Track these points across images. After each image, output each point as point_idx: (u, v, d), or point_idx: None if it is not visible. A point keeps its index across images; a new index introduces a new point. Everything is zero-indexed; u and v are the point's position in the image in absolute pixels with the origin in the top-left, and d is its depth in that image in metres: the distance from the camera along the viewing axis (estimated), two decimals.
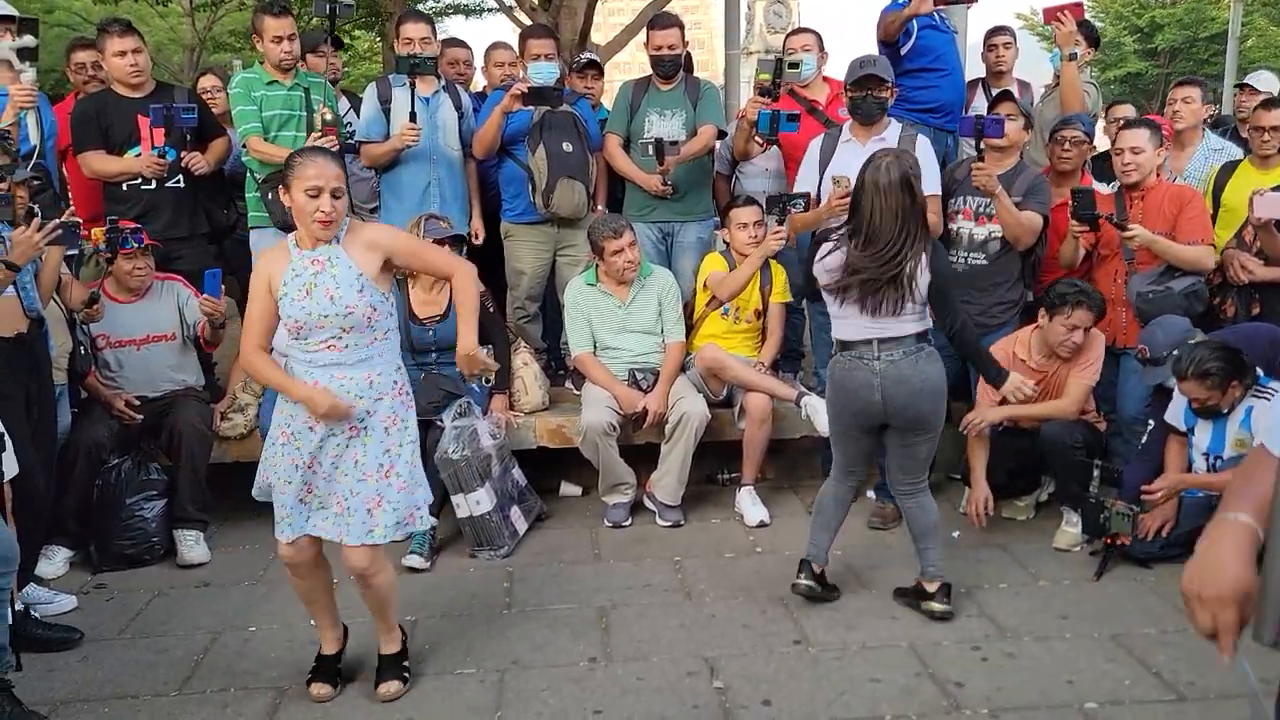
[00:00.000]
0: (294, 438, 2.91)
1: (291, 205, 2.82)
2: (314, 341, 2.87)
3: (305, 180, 2.77)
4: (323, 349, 2.87)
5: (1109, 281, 4.37)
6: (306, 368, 2.90)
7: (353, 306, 2.82)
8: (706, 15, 51.31)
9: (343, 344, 2.87)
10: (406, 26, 4.89)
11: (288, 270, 2.87)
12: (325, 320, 2.83)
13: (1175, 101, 4.92)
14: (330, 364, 2.88)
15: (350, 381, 2.88)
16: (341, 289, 2.82)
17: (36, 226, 3.26)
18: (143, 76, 4.69)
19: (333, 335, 2.86)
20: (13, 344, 3.40)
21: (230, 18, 18.35)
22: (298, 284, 2.85)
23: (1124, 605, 3.64)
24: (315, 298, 2.82)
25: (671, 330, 4.67)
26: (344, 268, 2.85)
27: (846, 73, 4.27)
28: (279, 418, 2.96)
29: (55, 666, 3.30)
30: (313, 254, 2.87)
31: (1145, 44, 26.01)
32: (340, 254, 2.87)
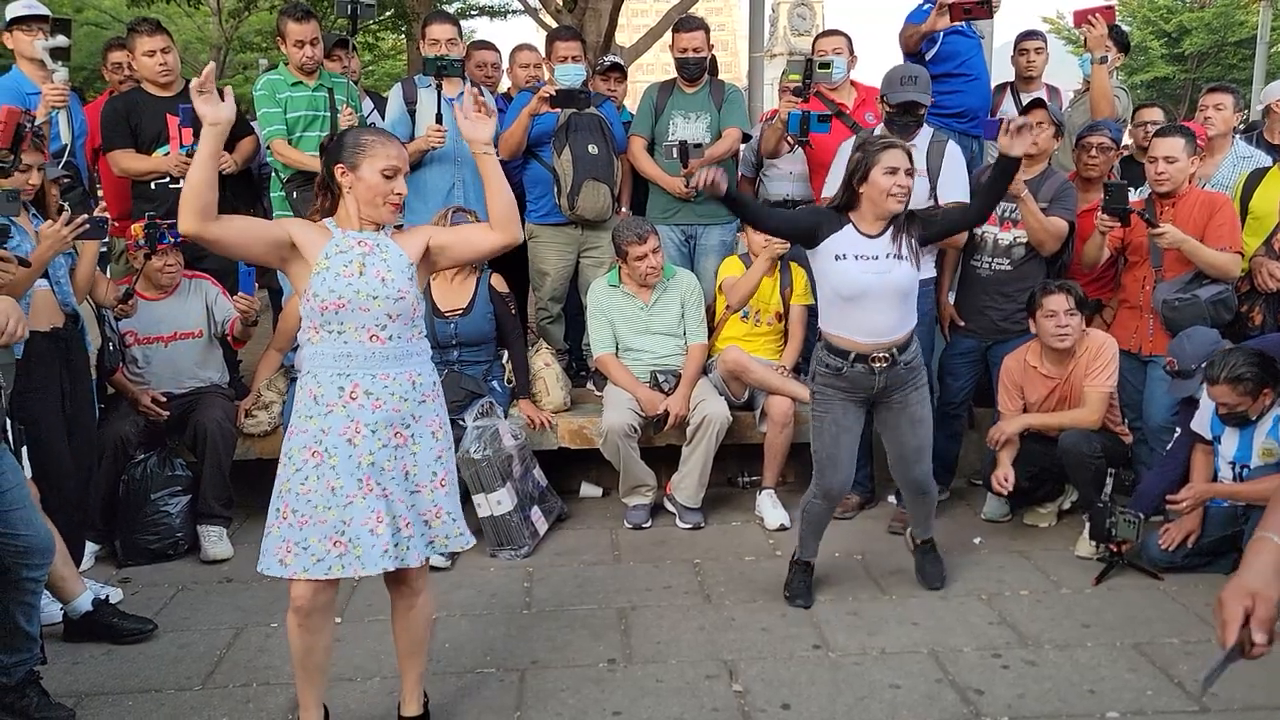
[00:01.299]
0: (328, 455, 2.55)
1: (355, 184, 2.58)
2: (354, 330, 2.57)
3: (382, 159, 2.57)
4: (364, 339, 2.57)
5: (1136, 288, 4.35)
6: (340, 367, 2.57)
7: (405, 291, 2.58)
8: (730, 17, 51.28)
9: (386, 334, 2.59)
10: (433, 28, 4.91)
11: (329, 245, 2.60)
12: (373, 302, 2.55)
13: (1207, 108, 4.87)
14: (371, 360, 2.58)
15: (393, 382, 2.60)
16: (394, 273, 2.59)
17: (64, 221, 3.30)
18: (172, 76, 4.73)
19: (376, 323, 2.57)
20: (49, 339, 3.44)
21: (257, 17, 18.48)
22: (343, 260, 2.57)
23: (1147, 614, 3.61)
24: (366, 276, 2.56)
25: (694, 332, 4.68)
26: (394, 254, 2.62)
27: (884, 83, 4.24)
28: (302, 437, 2.58)
29: (80, 659, 3.34)
30: (359, 235, 2.63)
31: (1173, 49, 25.81)
32: (388, 241, 2.65)
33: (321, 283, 2.55)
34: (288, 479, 2.58)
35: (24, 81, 4.51)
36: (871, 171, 3.31)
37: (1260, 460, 3.75)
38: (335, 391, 2.57)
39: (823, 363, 3.51)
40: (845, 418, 3.53)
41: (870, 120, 4.66)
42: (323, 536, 2.54)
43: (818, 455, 3.59)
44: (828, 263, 3.41)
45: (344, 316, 2.56)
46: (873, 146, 3.36)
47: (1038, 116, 4.36)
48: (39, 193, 3.48)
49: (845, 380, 3.47)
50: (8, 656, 2.89)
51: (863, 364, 3.43)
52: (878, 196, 3.33)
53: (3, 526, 2.79)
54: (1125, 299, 4.44)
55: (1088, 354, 4.16)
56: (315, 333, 2.61)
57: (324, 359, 2.59)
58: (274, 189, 4.96)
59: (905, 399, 3.53)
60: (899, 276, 3.37)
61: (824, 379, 3.52)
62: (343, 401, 2.56)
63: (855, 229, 3.41)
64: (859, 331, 3.42)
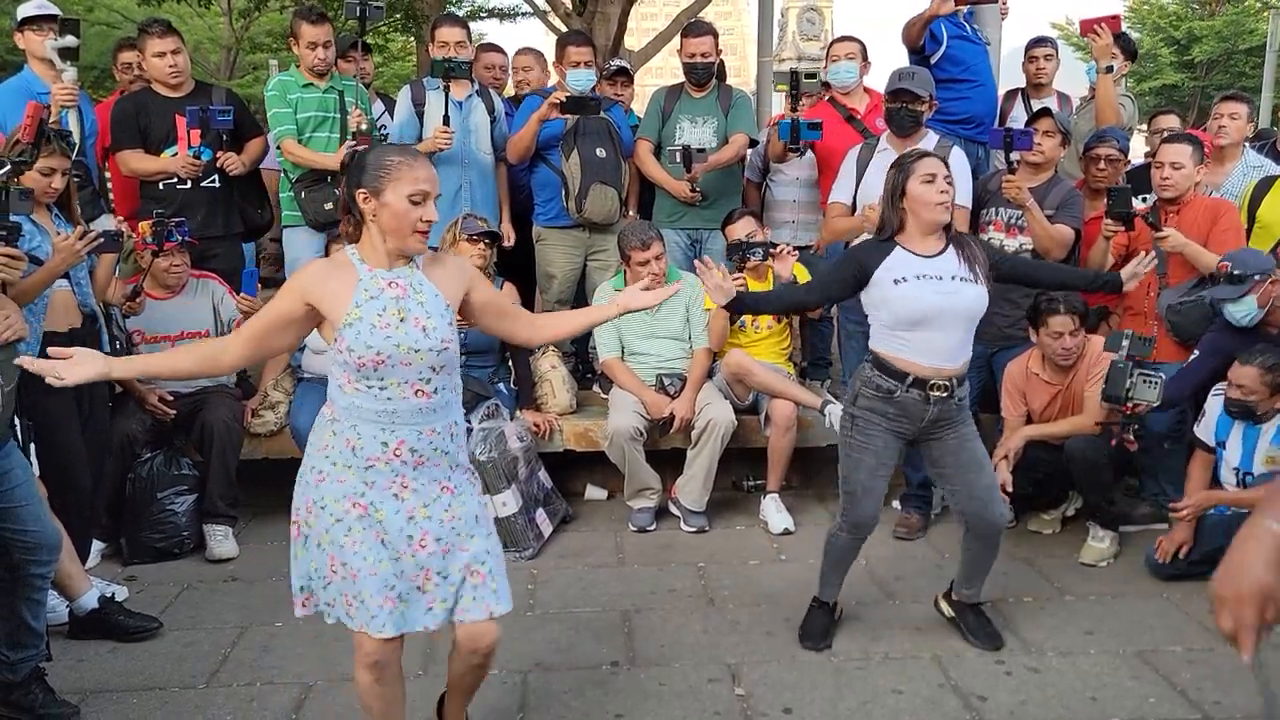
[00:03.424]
0: (373, 508, 2.36)
1: (379, 211, 2.31)
2: (396, 385, 2.33)
3: (409, 183, 2.29)
4: (409, 395, 2.34)
5: (1141, 295, 4.33)
6: (383, 423, 2.33)
7: (448, 341, 2.35)
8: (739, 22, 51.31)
9: (431, 388, 2.36)
10: (442, 30, 4.94)
11: (357, 290, 2.32)
12: (415, 356, 2.31)
13: (1221, 117, 4.79)
14: (418, 416, 2.35)
15: (437, 436, 2.38)
16: (434, 319, 2.34)
17: (79, 234, 3.32)
18: (181, 77, 4.76)
19: (420, 377, 2.34)
20: (67, 339, 3.46)
21: (268, 18, 18.54)
22: (375, 308, 2.30)
23: (1150, 622, 3.60)
24: (405, 327, 2.31)
25: (699, 336, 4.68)
26: (430, 295, 2.36)
27: (886, 82, 4.27)
28: (340, 487, 2.36)
29: (85, 657, 3.36)
30: (389, 275, 2.34)
31: (1182, 56, 25.74)
32: (423, 280, 2.38)
33: (356, 336, 2.29)
34: (327, 529, 2.36)
35: (35, 81, 4.54)
36: (909, 184, 3.15)
37: (1263, 468, 3.75)
38: (378, 447, 2.35)
39: (871, 384, 3.20)
40: (885, 450, 3.25)
41: (881, 125, 4.66)
42: (375, 591, 2.33)
43: (849, 485, 3.29)
44: (887, 290, 3.14)
45: (385, 372, 2.31)
46: (906, 159, 3.22)
47: (1044, 125, 4.36)
48: (64, 197, 3.50)
49: (894, 406, 3.18)
50: (13, 653, 2.91)
51: (919, 390, 3.15)
52: (922, 209, 3.14)
53: (12, 522, 2.81)
54: (1130, 307, 4.43)
55: (1089, 360, 4.16)
56: (350, 384, 2.36)
57: (364, 413, 2.35)
58: (283, 189, 4.99)
59: (960, 436, 3.27)
60: (970, 299, 3.14)
61: (870, 402, 3.21)
62: (386, 458, 2.35)
63: (906, 250, 3.19)
64: (922, 354, 3.15)
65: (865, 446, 3.25)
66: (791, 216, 5.27)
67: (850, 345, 4.51)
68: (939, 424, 3.23)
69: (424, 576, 2.39)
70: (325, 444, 2.41)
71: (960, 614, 3.51)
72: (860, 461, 3.26)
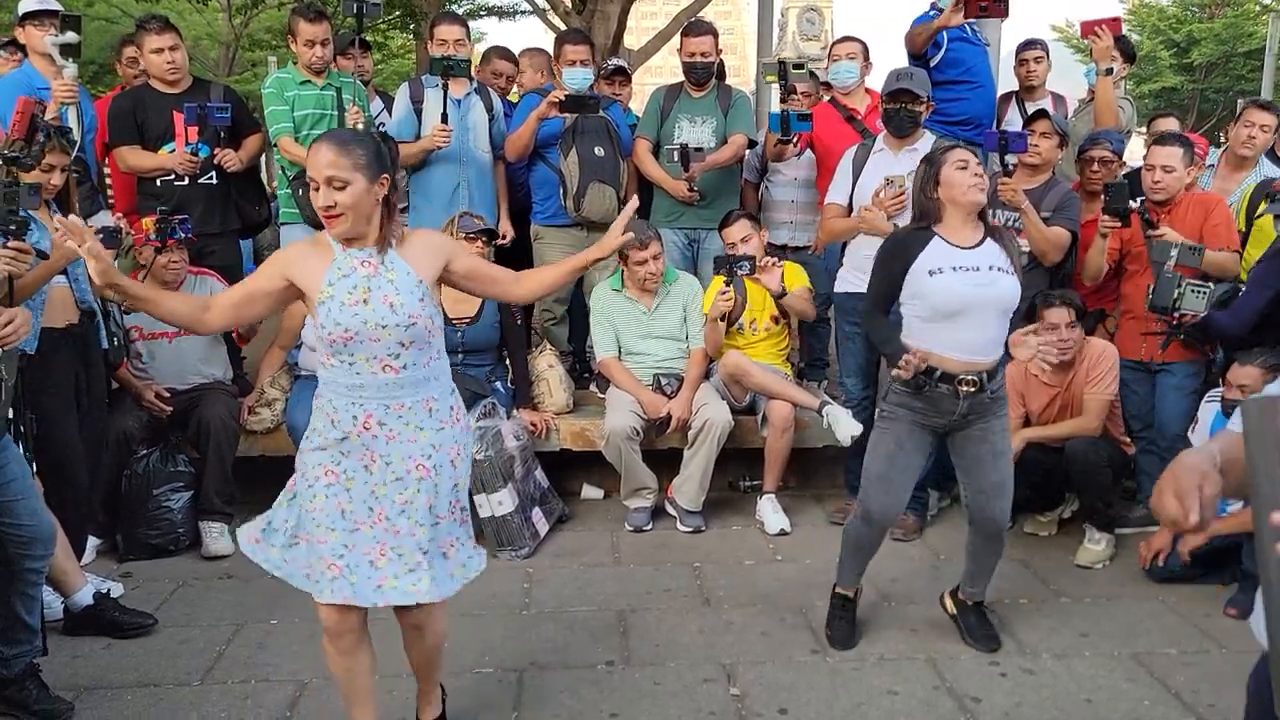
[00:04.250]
0: (344, 476, 2.46)
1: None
2: (365, 360, 2.42)
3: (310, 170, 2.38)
4: (377, 370, 2.43)
5: (1139, 296, 4.33)
6: (353, 396, 2.43)
7: (416, 316, 2.41)
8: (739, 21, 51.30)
9: (400, 363, 2.43)
10: (441, 28, 4.93)
11: (331, 269, 2.42)
12: (383, 332, 2.39)
13: (1253, 126, 4.73)
14: (385, 390, 2.43)
15: (408, 411, 2.45)
16: (403, 296, 2.41)
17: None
18: (179, 73, 4.75)
19: (389, 353, 2.42)
20: (64, 334, 3.47)
21: (266, 14, 18.51)
22: (347, 285, 2.40)
23: (1145, 625, 3.61)
24: (373, 304, 2.39)
25: (696, 336, 4.68)
26: (402, 273, 2.43)
27: (884, 83, 4.27)
28: (320, 455, 2.48)
29: (80, 653, 3.35)
30: (362, 254, 2.44)
31: (1181, 59, 25.75)
32: (395, 258, 2.45)
33: (327, 314, 2.40)
34: (301, 493, 2.51)
35: (35, 76, 4.53)
36: (942, 171, 3.12)
37: None
38: (350, 420, 2.45)
39: (899, 378, 3.17)
40: (910, 439, 3.22)
41: (880, 126, 4.66)
42: (319, 557, 2.46)
43: (868, 473, 3.29)
44: (921, 282, 3.11)
45: (354, 348, 2.41)
46: (936, 151, 3.23)
47: (1041, 127, 4.36)
48: (63, 194, 3.49)
49: (923, 400, 3.16)
50: (8, 648, 2.91)
51: (948, 385, 3.13)
52: (958, 194, 3.09)
53: (7, 517, 2.81)
54: (1128, 309, 4.43)
55: (1087, 362, 4.16)
56: (327, 359, 2.49)
57: (338, 388, 2.47)
58: (280, 186, 4.99)
59: (987, 428, 3.23)
60: (1004, 290, 3.11)
61: (899, 397, 3.20)
62: (357, 431, 2.45)
63: (945, 240, 3.14)
64: (952, 348, 3.12)
65: (885, 432, 3.25)
66: (789, 217, 5.27)
67: (847, 347, 4.51)
68: (971, 417, 3.21)
69: (378, 551, 2.46)
70: (315, 414, 2.53)
71: (961, 613, 3.52)
72: (878, 448, 3.26)
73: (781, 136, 4.74)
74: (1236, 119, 4.91)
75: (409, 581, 2.46)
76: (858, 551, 3.43)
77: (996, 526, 3.34)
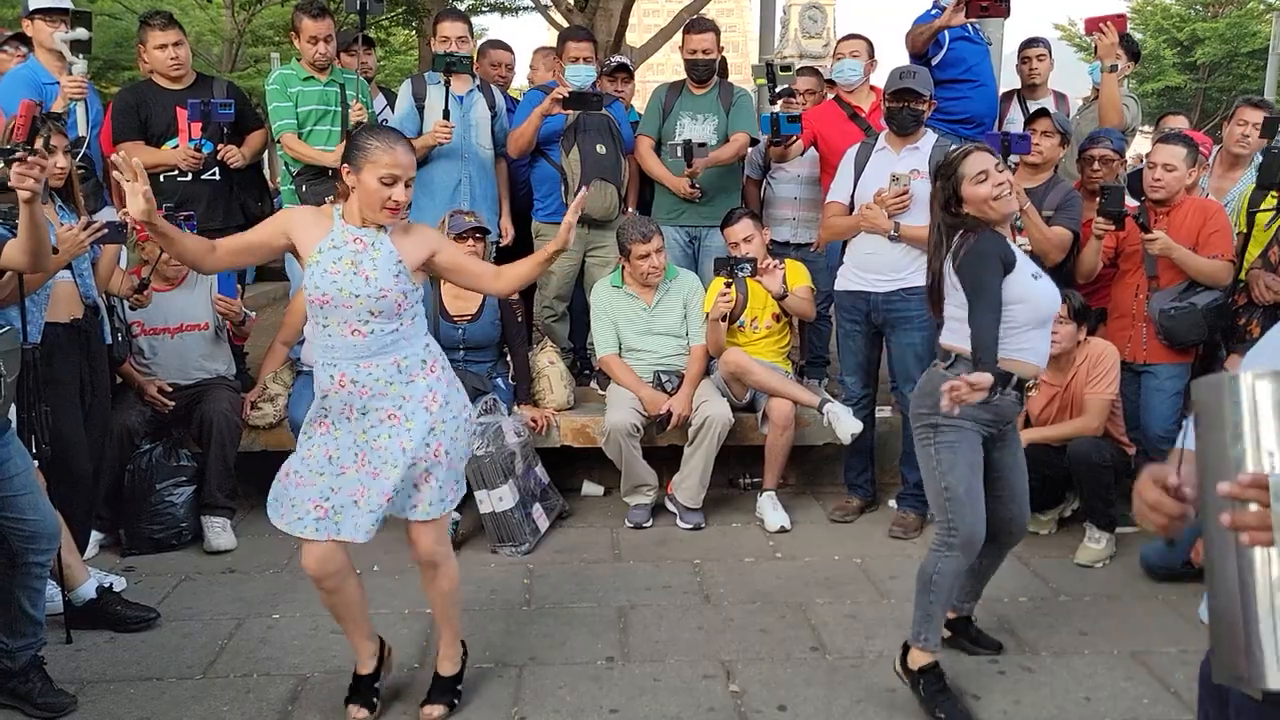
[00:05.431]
0: (334, 427, 2.77)
1: (356, 186, 2.67)
2: (335, 324, 2.70)
3: (382, 166, 2.62)
4: (346, 334, 2.70)
5: (1129, 297, 4.33)
6: (327, 357, 2.73)
7: (386, 290, 2.67)
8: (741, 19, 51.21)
9: (367, 329, 2.69)
10: (444, 25, 4.93)
11: (326, 239, 2.70)
12: (355, 300, 2.66)
13: (1246, 124, 4.72)
14: (353, 351, 2.70)
15: (377, 369, 2.71)
16: (379, 271, 2.67)
17: (83, 225, 3.33)
18: (183, 70, 4.76)
19: (358, 319, 2.68)
20: (68, 330, 3.48)
21: (269, 11, 18.51)
22: (334, 255, 2.68)
23: (1144, 623, 3.62)
24: (348, 275, 2.66)
25: (696, 334, 4.69)
26: (385, 251, 2.69)
27: (886, 82, 4.27)
28: (314, 412, 2.81)
29: (83, 647, 3.37)
30: (357, 232, 2.71)
31: (1185, 58, 25.73)
32: (384, 240, 2.72)
33: (311, 276, 2.68)
34: (300, 444, 2.82)
35: (40, 71, 4.54)
36: (962, 189, 2.93)
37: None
38: (327, 379, 2.73)
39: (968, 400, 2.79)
40: (978, 453, 2.98)
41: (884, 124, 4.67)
42: (306, 498, 2.74)
43: (953, 491, 2.94)
44: (1027, 286, 2.91)
45: (328, 312, 2.69)
46: (948, 163, 2.99)
47: (1042, 126, 4.37)
48: (66, 186, 3.50)
49: (990, 410, 2.92)
50: (12, 641, 2.92)
51: (1017, 391, 2.97)
52: (988, 210, 2.91)
53: (11, 511, 2.82)
54: (1115, 309, 4.42)
55: (1088, 362, 4.16)
56: (311, 321, 2.79)
57: (318, 348, 2.77)
58: (284, 182, 5.00)
59: (1014, 435, 3.16)
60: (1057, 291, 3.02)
61: (963, 409, 2.78)
62: (334, 388, 2.72)
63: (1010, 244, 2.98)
64: (1034, 354, 2.97)
65: (958, 445, 2.94)
66: (791, 214, 5.28)
67: (847, 345, 4.51)
68: (1011, 423, 3.11)
69: (360, 492, 2.72)
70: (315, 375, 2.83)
71: (961, 628, 3.40)
72: (956, 462, 2.94)
73: (772, 138, 4.75)
74: (1230, 118, 4.90)
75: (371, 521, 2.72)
76: (951, 591, 3.04)
77: (1022, 532, 3.25)
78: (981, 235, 2.92)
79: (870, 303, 4.32)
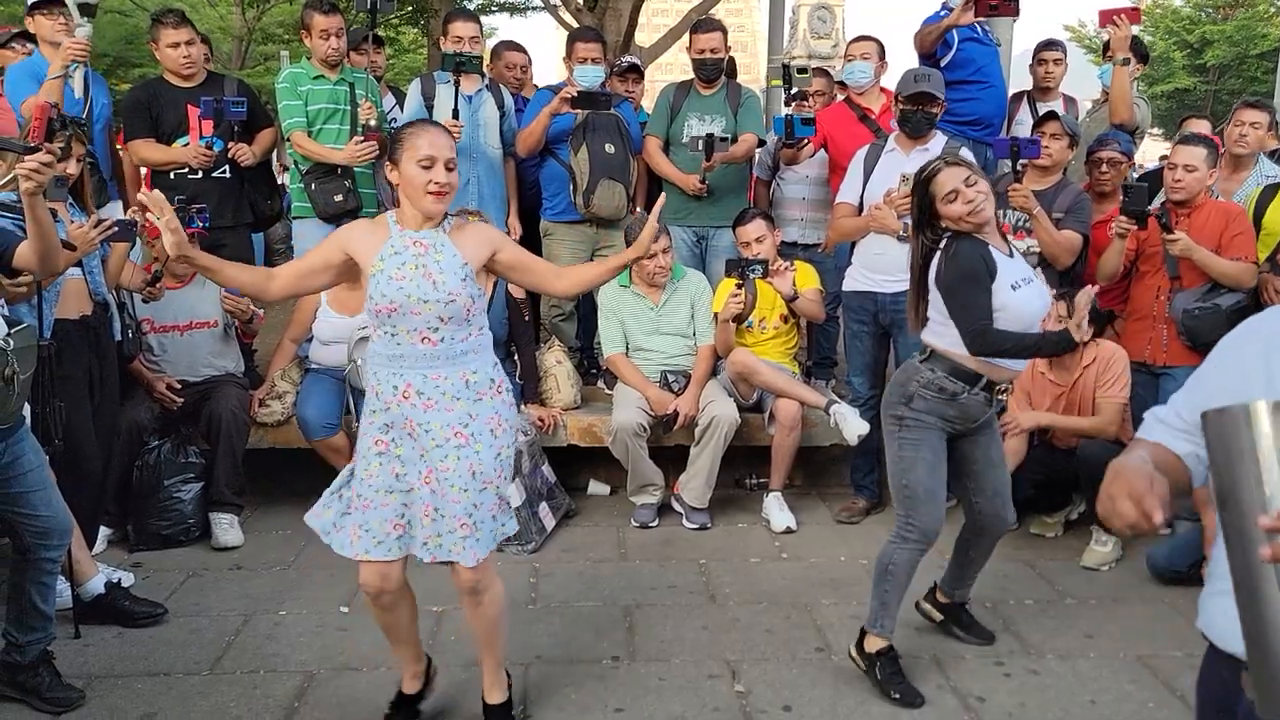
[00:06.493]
0: (394, 445, 2.66)
1: (400, 179, 2.62)
2: (405, 332, 2.61)
3: (421, 149, 2.57)
4: (416, 342, 2.61)
5: (1150, 298, 4.32)
6: (394, 367, 2.63)
7: (455, 294, 2.58)
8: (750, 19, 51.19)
9: (438, 336, 2.61)
10: (455, 25, 4.95)
11: (385, 246, 2.63)
12: (424, 306, 2.57)
13: (1243, 125, 4.71)
14: (423, 361, 2.62)
15: (445, 381, 2.62)
16: (445, 274, 2.59)
17: (94, 223, 3.35)
18: (195, 68, 4.77)
19: (428, 325, 2.60)
20: (78, 326, 3.50)
21: (279, 9, 18.57)
22: (396, 262, 2.60)
23: (1150, 627, 3.61)
24: (415, 280, 2.58)
25: (703, 333, 4.69)
26: (449, 254, 2.62)
27: (899, 84, 4.26)
28: (370, 429, 2.69)
29: (91, 642, 3.38)
30: (416, 235, 2.64)
31: (1194, 60, 25.69)
32: (446, 241, 2.65)
33: (376, 285, 2.59)
34: (355, 463, 2.73)
35: (44, 65, 4.55)
36: (937, 209, 3.00)
37: None
38: (391, 390, 2.63)
39: (934, 385, 3.04)
40: (940, 447, 3.11)
41: (894, 125, 4.67)
42: (383, 520, 2.65)
43: (912, 490, 3.10)
44: (1006, 297, 2.95)
45: (396, 320, 2.60)
46: (919, 185, 3.04)
47: (1051, 129, 4.36)
48: (78, 185, 3.52)
49: (955, 408, 3.06)
50: (22, 635, 2.94)
51: (985, 392, 3.06)
52: (961, 226, 2.97)
53: (23, 507, 2.84)
54: (1134, 310, 4.41)
55: (1098, 364, 4.16)
56: (374, 332, 2.70)
57: (381, 359, 2.67)
58: (293, 180, 5.01)
59: (991, 433, 3.24)
60: (1042, 293, 3.05)
61: (929, 404, 3.05)
62: (398, 400, 2.62)
63: (996, 250, 3.01)
64: (1008, 360, 3.05)
65: (920, 443, 3.08)
66: (800, 214, 5.28)
67: (854, 345, 4.51)
68: (985, 421, 3.18)
69: (425, 510, 2.63)
70: (367, 390, 2.74)
71: (952, 614, 3.51)
72: (917, 460, 3.08)
73: (786, 140, 4.75)
74: (1229, 120, 4.90)
75: (451, 541, 2.62)
76: (906, 581, 3.16)
77: (1006, 526, 3.35)
78: (959, 245, 2.99)
79: (878, 303, 4.33)
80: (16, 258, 2.89)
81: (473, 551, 2.62)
